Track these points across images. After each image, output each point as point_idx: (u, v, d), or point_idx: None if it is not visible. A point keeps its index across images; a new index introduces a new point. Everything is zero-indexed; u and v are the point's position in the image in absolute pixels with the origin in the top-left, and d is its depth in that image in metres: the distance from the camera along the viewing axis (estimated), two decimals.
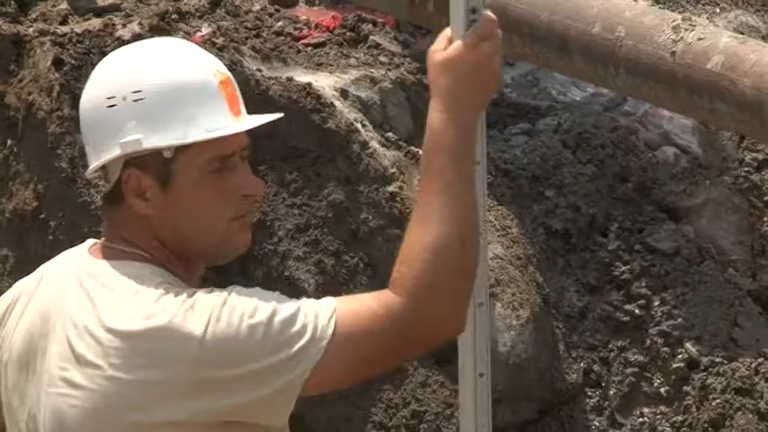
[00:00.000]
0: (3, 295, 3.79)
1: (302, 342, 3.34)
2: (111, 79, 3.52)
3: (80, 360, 3.46)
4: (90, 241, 3.69)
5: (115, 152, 3.50)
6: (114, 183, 3.49)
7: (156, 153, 3.47)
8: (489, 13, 3.61)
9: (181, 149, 3.42)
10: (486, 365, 4.18)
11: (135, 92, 3.48)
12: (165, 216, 3.54)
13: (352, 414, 5.73)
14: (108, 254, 3.54)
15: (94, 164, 3.51)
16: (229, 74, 3.51)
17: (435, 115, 3.45)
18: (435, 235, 3.39)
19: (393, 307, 3.32)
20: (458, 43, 3.56)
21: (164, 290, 3.45)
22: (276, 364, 3.36)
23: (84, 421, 3.45)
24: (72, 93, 5.25)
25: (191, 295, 3.42)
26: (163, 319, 3.36)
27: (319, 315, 3.33)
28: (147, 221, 3.56)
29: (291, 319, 3.34)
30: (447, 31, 3.54)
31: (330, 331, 3.33)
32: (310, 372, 3.33)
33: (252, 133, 3.58)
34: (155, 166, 3.48)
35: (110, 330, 3.41)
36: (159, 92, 3.53)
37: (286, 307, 3.34)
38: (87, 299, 3.49)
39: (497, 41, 3.57)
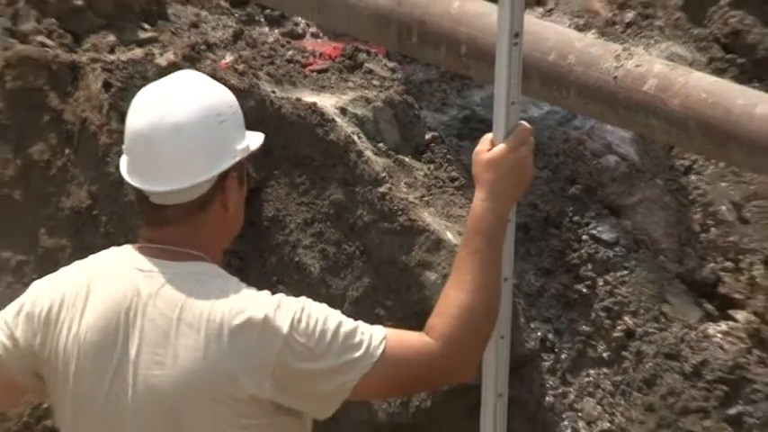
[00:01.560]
0: (30, 299, 3.74)
1: (358, 354, 3.56)
2: (209, 101, 3.72)
3: (183, 342, 3.61)
4: (120, 249, 3.81)
5: (233, 159, 3.68)
6: (203, 194, 3.65)
7: (242, 159, 3.76)
8: (525, 123, 3.89)
9: None
10: (505, 386, 4.19)
11: (231, 106, 3.75)
12: (234, 216, 3.78)
13: None
14: (175, 256, 3.68)
15: (208, 174, 3.64)
16: None
17: (478, 204, 3.79)
18: (467, 299, 3.70)
19: (430, 348, 3.62)
20: (501, 146, 3.84)
21: (245, 286, 3.66)
22: (338, 366, 3.55)
23: (185, 395, 3.58)
24: (118, 110, 5.16)
25: (271, 294, 3.65)
26: (258, 314, 3.55)
27: (373, 336, 3.58)
28: (220, 224, 3.75)
29: (352, 333, 3.56)
30: (489, 135, 3.85)
31: (379, 352, 3.56)
32: (359, 380, 3.55)
33: (268, 144, 3.87)
34: (239, 170, 3.71)
35: (212, 319, 3.58)
36: (238, 107, 3.76)
37: (348, 321, 3.59)
38: (194, 290, 3.63)
39: (531, 145, 3.93)
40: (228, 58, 5.45)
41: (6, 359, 3.70)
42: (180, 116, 3.66)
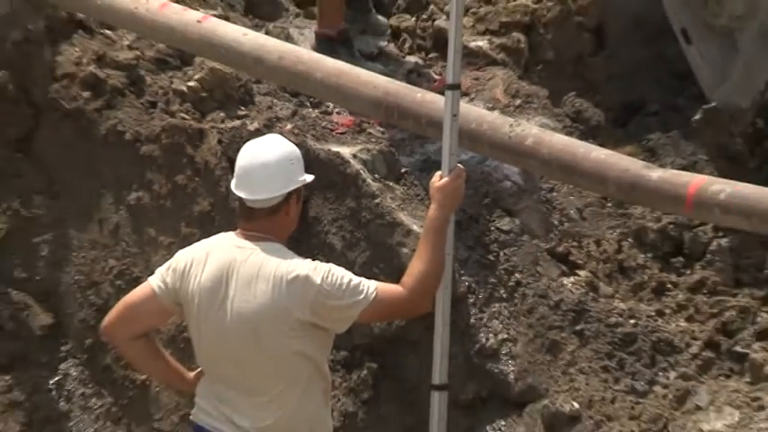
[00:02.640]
0: (175, 261, 4.22)
1: (360, 297, 4.01)
2: (283, 150, 4.18)
3: (260, 288, 4.01)
4: (225, 234, 4.27)
5: (298, 184, 4.14)
6: (278, 203, 4.11)
7: (300, 187, 4.17)
8: (460, 165, 4.33)
9: None
10: (448, 315, 4.40)
11: (296, 154, 4.20)
12: (293, 218, 4.22)
13: None
14: (259, 238, 4.10)
15: (283, 191, 4.08)
16: None
17: (432, 211, 4.26)
18: (425, 266, 4.16)
19: (402, 295, 4.13)
20: (446, 178, 4.27)
21: (296, 256, 4.10)
22: (348, 304, 4.01)
23: (266, 318, 4.01)
24: (227, 155, 5.37)
25: (312, 261, 4.07)
26: (303, 272, 3.99)
27: (369, 287, 4.03)
28: (286, 223, 4.18)
29: (357, 285, 4.02)
30: (439, 172, 4.30)
31: (372, 297, 4.01)
32: (360, 312, 4.03)
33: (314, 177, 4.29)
34: (299, 191, 4.19)
35: (276, 274, 3.98)
36: (300, 155, 4.19)
37: (355, 278, 4.06)
38: (271, 260, 4.04)
39: (463, 178, 4.32)
40: (289, 126, 5.54)
41: (161, 295, 4.11)
42: (266, 158, 4.11)
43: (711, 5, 5.90)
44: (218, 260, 4.11)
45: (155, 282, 4.18)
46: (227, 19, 5.75)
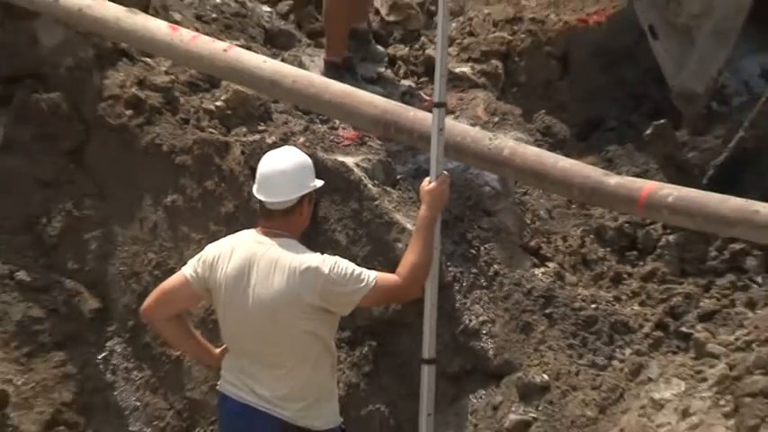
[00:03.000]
0: (205, 254, 4.16)
1: (362, 285, 3.98)
2: (297, 160, 4.14)
3: (277, 277, 3.97)
4: (248, 231, 4.18)
5: (310, 189, 4.09)
6: (292, 205, 4.05)
7: (311, 191, 4.11)
8: (445, 172, 4.27)
9: None
10: (436, 300, 4.34)
11: (308, 162, 4.16)
12: (306, 218, 4.17)
13: None
14: (276, 235, 4.06)
15: (297, 195, 4.03)
16: None
17: (421, 212, 4.21)
18: (416, 258, 4.12)
19: (397, 283, 4.10)
20: (433, 183, 4.22)
21: (308, 250, 4.06)
22: (352, 291, 3.99)
23: (282, 304, 3.97)
24: (248, 164, 5.28)
25: (321, 255, 4.03)
26: (313, 264, 3.96)
27: (370, 277, 3.99)
28: (299, 221, 4.13)
29: (360, 274, 3.99)
30: (428, 178, 4.25)
31: (372, 285, 3.98)
32: (362, 298, 4.01)
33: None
34: (311, 195, 4.14)
35: (291, 266, 3.95)
36: (311, 163, 4.15)
37: (358, 268, 4.02)
38: (286, 254, 4.00)
39: (448, 184, 4.27)
40: (301, 139, 5.56)
41: (192, 282, 4.10)
42: (283, 166, 4.08)
43: (673, 6, 5.92)
44: (242, 253, 4.08)
45: (187, 271, 4.16)
46: (248, 48, 5.72)
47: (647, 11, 6.02)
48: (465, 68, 6.16)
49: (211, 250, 4.19)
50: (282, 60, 5.87)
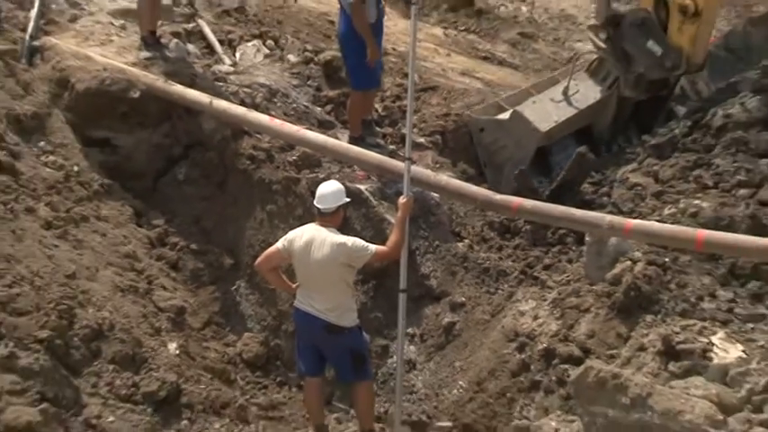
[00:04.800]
0: (288, 235, 3.96)
1: (368, 251, 3.86)
2: (336, 186, 4.01)
3: (325, 249, 3.82)
4: (311, 224, 3.97)
5: (342, 202, 3.96)
6: (334, 210, 3.92)
7: (344, 204, 3.97)
8: (411, 194, 4.07)
9: None
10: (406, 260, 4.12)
11: (342, 189, 4.01)
12: (341, 217, 3.99)
13: None
14: (326, 226, 3.90)
15: (337, 204, 3.89)
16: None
17: (398, 215, 4.05)
18: (395, 238, 3.97)
19: (386, 250, 3.94)
20: (405, 198, 4.07)
21: (342, 234, 3.89)
22: (363, 255, 3.85)
23: (328, 262, 3.82)
24: (311, 190, 4.84)
25: (348, 236, 3.88)
26: (343, 241, 3.84)
27: (371, 247, 3.85)
28: (337, 219, 3.97)
29: (367, 246, 3.86)
30: (402, 196, 4.04)
31: (373, 251, 3.84)
32: (368, 258, 3.86)
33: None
34: (344, 205, 4.00)
35: (333, 242, 3.81)
36: (344, 189, 3.99)
37: (366, 243, 3.88)
38: (330, 235, 3.86)
39: (413, 199, 4.15)
40: (337, 176, 5.21)
41: (281, 250, 3.96)
42: (329, 190, 3.97)
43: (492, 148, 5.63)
44: (307, 235, 4.02)
45: (279, 245, 4.06)
46: (310, 128, 5.52)
47: (481, 154, 5.69)
48: (421, 139, 5.96)
49: (291, 234, 4.06)
50: (327, 136, 5.64)
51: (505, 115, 5.21)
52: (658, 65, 4.75)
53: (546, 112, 4.99)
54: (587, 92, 4.98)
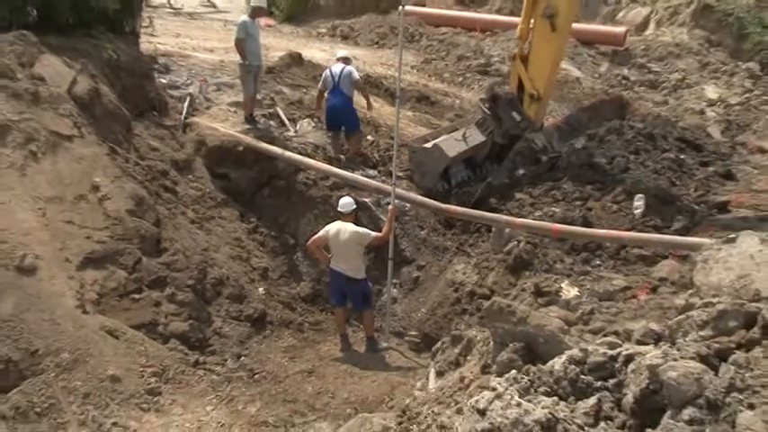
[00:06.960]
0: (327, 227, 3.97)
1: (370, 237, 3.88)
2: (350, 199, 4.10)
3: (348, 234, 3.67)
4: (338, 221, 4.00)
5: (354, 207, 3.99)
6: (349, 212, 3.98)
7: (355, 207, 3.95)
8: (396, 204, 3.96)
9: None
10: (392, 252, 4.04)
11: (352, 201, 4.06)
12: (353, 217, 3.98)
13: None
14: (346, 222, 3.97)
15: (351, 209, 3.86)
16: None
17: (387, 217, 4.06)
18: (386, 231, 3.93)
19: (381, 236, 3.93)
20: (392, 206, 4.08)
21: (357, 226, 3.96)
22: (368, 238, 3.84)
23: (348, 242, 3.86)
24: (336, 201, 4.59)
25: (360, 227, 3.90)
26: (358, 230, 3.91)
27: (372, 233, 3.88)
28: (352, 218, 4.02)
29: (369, 233, 3.89)
30: (391, 204, 4.09)
31: (372, 237, 3.82)
32: (369, 241, 3.89)
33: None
34: (355, 210, 4.03)
35: (352, 231, 3.70)
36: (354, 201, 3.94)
37: (370, 231, 3.91)
38: (350, 226, 3.95)
39: (398, 208, 4.13)
40: (351, 193, 5.03)
41: (323, 236, 4.03)
42: (345, 201, 4.05)
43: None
44: (336, 227, 4.14)
45: (321, 233, 4.19)
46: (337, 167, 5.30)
47: (413, 167, 5.52)
48: (400, 173, 5.25)
49: (327, 227, 4.20)
50: (347, 171, 5.38)
51: (429, 145, 5.41)
52: (517, 125, 5.40)
53: (452, 145, 5.35)
54: (475, 136, 5.44)
